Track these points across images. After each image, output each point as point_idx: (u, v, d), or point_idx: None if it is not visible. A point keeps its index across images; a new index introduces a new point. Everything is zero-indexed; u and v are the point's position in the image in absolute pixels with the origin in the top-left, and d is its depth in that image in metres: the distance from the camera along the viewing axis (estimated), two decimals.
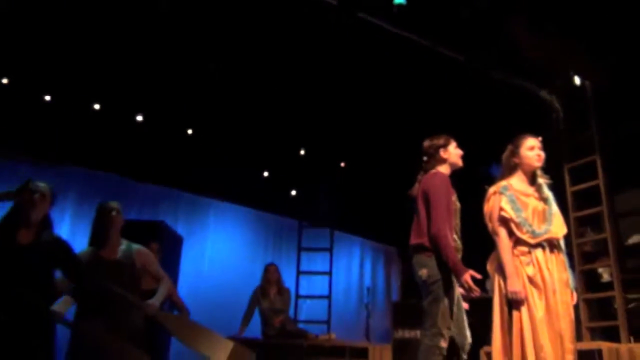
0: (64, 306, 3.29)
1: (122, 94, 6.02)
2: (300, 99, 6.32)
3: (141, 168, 6.66)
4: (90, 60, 5.47)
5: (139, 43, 5.35)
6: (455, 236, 3.18)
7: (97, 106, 6.08)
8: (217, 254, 7.49)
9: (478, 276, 2.92)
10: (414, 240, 3.20)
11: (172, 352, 5.67)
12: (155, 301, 3.61)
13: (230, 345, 3.86)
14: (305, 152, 7.37)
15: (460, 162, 3.36)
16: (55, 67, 5.52)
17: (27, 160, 5.64)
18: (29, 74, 5.55)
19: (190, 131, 6.68)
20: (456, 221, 3.23)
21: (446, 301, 3.01)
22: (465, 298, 3.12)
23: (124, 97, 6.07)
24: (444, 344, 2.98)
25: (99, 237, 3.59)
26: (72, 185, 6.51)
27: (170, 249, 5.79)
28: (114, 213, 3.59)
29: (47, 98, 5.86)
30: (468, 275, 2.89)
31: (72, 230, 6.20)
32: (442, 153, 3.31)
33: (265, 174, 7.60)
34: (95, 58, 5.45)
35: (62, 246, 3.20)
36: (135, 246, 3.68)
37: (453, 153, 3.33)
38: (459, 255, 3.17)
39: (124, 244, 3.64)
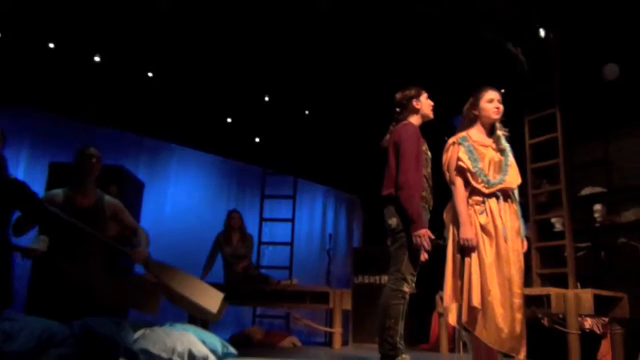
0: (42, 244, 3.30)
1: (77, 32, 5.74)
2: (266, 44, 6.17)
3: (100, 111, 6.45)
4: None
5: None
6: (427, 184, 3.25)
7: (51, 45, 5.80)
8: (180, 200, 7.45)
9: (432, 236, 3.09)
10: (385, 191, 3.26)
11: None
12: (143, 248, 3.66)
13: (220, 295, 3.90)
14: (270, 99, 7.26)
15: (431, 114, 3.41)
16: (7, 2, 5.21)
17: None
18: None
19: (150, 74, 6.47)
20: (427, 170, 3.30)
21: (413, 247, 3.10)
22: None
23: (80, 35, 5.80)
24: (407, 288, 3.11)
25: (75, 182, 3.59)
26: (27, 128, 6.30)
27: (130, 194, 5.70)
28: (94, 160, 3.60)
29: None
30: (425, 232, 3.05)
31: (27, 172, 6.05)
32: (415, 103, 3.35)
33: (229, 120, 7.49)
34: None
35: (21, 187, 3.17)
36: (107, 197, 3.73)
37: (424, 104, 3.38)
38: (431, 203, 3.27)
39: (96, 193, 3.67)
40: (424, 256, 3.26)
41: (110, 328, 2.76)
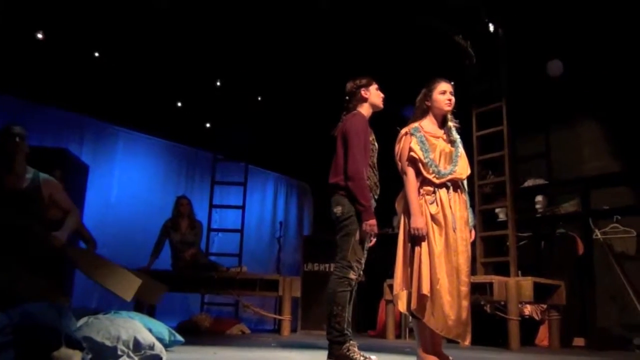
0: None
1: (18, 7, 5.45)
2: (219, 28, 6.05)
3: (43, 90, 6.17)
4: None
5: None
6: (372, 173, 3.29)
7: None
8: (126, 185, 7.24)
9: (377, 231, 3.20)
10: (331, 180, 3.29)
11: (77, 286, 5.50)
12: (62, 233, 3.50)
13: (138, 281, 3.84)
14: (222, 84, 7.14)
15: (381, 104, 3.44)
16: None
17: None
18: None
19: (97, 54, 6.23)
20: (373, 160, 3.34)
21: (357, 235, 3.13)
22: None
23: (22, 10, 5.51)
24: (352, 275, 3.15)
25: (2, 164, 3.39)
26: None
27: (74, 177, 5.52)
28: (17, 139, 3.39)
29: None
30: (374, 222, 3.13)
31: None
32: (364, 92, 3.39)
33: (179, 104, 7.31)
34: None
35: None
36: (43, 175, 3.53)
37: (374, 93, 3.41)
38: (377, 191, 3.33)
39: (30, 173, 3.47)
40: (372, 241, 3.31)
41: (51, 315, 2.65)
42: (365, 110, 3.40)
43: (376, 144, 3.41)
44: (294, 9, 5.73)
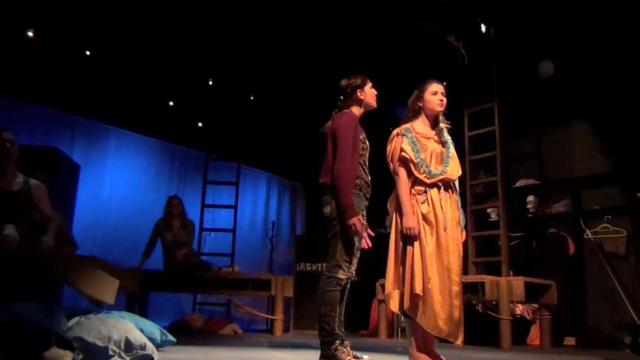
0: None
1: (9, 4, 5.41)
2: (212, 26, 6.03)
3: (33, 89, 6.13)
4: None
5: None
6: (364, 173, 3.27)
7: None
8: (118, 184, 7.21)
9: (364, 222, 3.10)
10: (321, 179, 3.26)
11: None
12: (49, 239, 3.71)
13: (116, 281, 3.82)
14: (214, 83, 7.12)
15: (374, 103, 3.41)
16: None
17: None
18: None
19: (88, 52, 6.19)
20: (364, 159, 3.32)
21: (346, 235, 3.11)
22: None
23: (12, 8, 5.47)
24: (341, 275, 3.13)
25: None
26: None
27: (64, 177, 5.48)
28: (8, 144, 3.50)
29: None
30: (357, 220, 3.04)
31: None
32: (359, 94, 3.33)
33: (171, 103, 7.28)
34: None
35: None
36: (33, 181, 3.66)
37: (368, 94, 3.37)
38: (369, 191, 3.29)
39: (20, 177, 3.58)
40: (366, 243, 3.26)
41: (41, 315, 2.63)
42: (357, 110, 3.35)
43: (367, 142, 3.39)
44: (285, 8, 5.72)
